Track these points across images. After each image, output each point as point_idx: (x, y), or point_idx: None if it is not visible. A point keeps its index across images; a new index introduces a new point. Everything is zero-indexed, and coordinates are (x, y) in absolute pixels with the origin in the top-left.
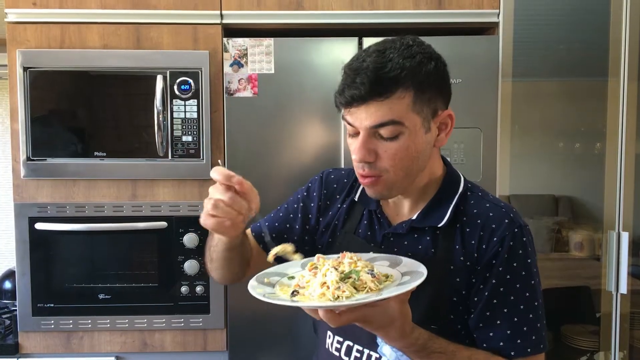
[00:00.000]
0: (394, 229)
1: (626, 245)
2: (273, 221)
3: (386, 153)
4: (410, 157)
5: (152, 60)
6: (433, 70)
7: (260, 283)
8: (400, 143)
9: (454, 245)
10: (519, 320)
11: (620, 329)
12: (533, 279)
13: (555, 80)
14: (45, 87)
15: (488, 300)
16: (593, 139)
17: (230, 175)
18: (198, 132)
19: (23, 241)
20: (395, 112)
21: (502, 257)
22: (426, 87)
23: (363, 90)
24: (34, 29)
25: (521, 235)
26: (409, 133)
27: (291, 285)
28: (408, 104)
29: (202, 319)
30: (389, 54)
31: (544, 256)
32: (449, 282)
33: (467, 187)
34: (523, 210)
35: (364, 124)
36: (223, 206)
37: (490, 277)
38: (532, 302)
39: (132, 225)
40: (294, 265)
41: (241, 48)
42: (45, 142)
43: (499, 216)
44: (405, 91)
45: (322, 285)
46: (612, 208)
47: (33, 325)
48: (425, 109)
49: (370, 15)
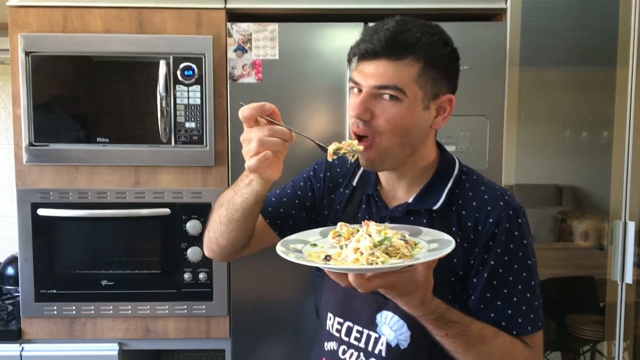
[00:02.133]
0: (390, 212)
1: (632, 234)
2: (280, 197)
3: (383, 114)
4: (405, 126)
5: (155, 45)
6: (446, 54)
7: (287, 249)
8: (398, 109)
9: (451, 228)
10: (518, 300)
11: (625, 319)
12: (529, 259)
13: (563, 68)
14: (48, 72)
15: (488, 281)
16: (600, 128)
17: (262, 105)
18: (201, 119)
19: (25, 227)
20: (401, 78)
21: (499, 239)
22: (435, 66)
23: (378, 46)
24: (35, 13)
25: (516, 216)
26: (408, 102)
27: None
28: (414, 74)
29: (205, 306)
30: (410, 26)
31: (548, 245)
32: (447, 264)
33: (462, 170)
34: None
35: (368, 82)
36: (269, 139)
37: (489, 258)
38: (529, 281)
39: (134, 212)
40: (313, 234)
41: (245, 33)
42: (47, 128)
43: (494, 198)
44: (415, 61)
45: (355, 251)
46: (619, 197)
47: (36, 311)
48: (429, 86)
49: (376, 1)
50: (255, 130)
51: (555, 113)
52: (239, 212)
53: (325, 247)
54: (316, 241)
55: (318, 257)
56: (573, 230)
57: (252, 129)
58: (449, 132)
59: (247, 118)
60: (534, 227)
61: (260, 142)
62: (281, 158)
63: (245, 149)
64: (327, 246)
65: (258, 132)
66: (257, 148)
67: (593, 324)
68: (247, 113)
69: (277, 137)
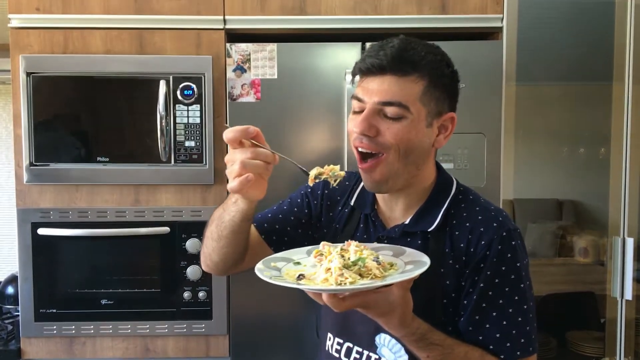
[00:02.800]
0: (387, 232)
1: (631, 251)
2: (276, 213)
3: (388, 130)
4: (411, 142)
5: (155, 65)
6: (448, 74)
7: (267, 267)
8: (402, 125)
9: (444, 249)
10: (507, 323)
11: (625, 335)
12: (522, 282)
13: (559, 84)
14: (48, 92)
15: (477, 303)
16: (597, 144)
17: (246, 129)
18: (201, 138)
19: (26, 246)
20: (405, 94)
21: (491, 261)
22: (438, 85)
23: (384, 61)
24: (37, 34)
25: (509, 238)
26: (412, 119)
27: (296, 271)
28: (418, 91)
29: (205, 325)
30: (415, 45)
31: (548, 261)
32: (440, 285)
33: (459, 190)
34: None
35: (373, 98)
36: (251, 162)
37: (479, 280)
38: (521, 305)
39: (134, 231)
40: (300, 252)
41: (244, 53)
42: (48, 148)
43: (488, 219)
44: (420, 78)
45: (326, 271)
46: (617, 213)
47: (35, 330)
48: (432, 104)
49: (374, 20)
50: (239, 152)
51: (553, 129)
52: (228, 229)
53: (307, 266)
54: (300, 259)
55: (293, 277)
56: (573, 245)
57: (235, 150)
58: (446, 150)
59: (230, 140)
60: (534, 243)
61: (243, 164)
62: (265, 179)
63: (229, 170)
64: (309, 265)
65: (241, 154)
66: (240, 170)
67: (594, 341)
68: (230, 135)
69: (260, 160)
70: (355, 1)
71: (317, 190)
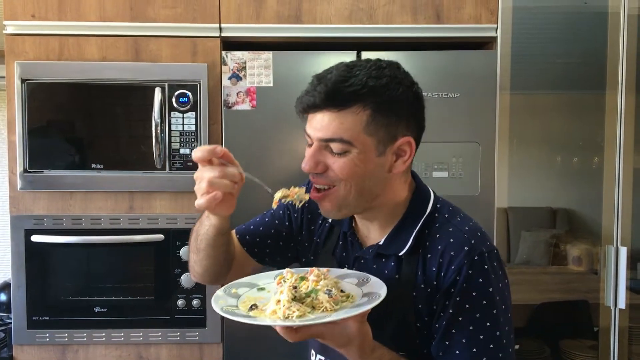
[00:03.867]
0: (362, 252)
1: (624, 260)
2: (257, 225)
3: (335, 165)
4: (359, 175)
5: (151, 72)
6: (399, 96)
7: (226, 294)
8: (348, 159)
9: (417, 272)
10: (478, 350)
11: (618, 344)
12: (495, 307)
13: (553, 93)
14: (43, 99)
15: (446, 329)
16: (591, 153)
17: (213, 149)
18: (196, 145)
19: (19, 253)
20: (345, 129)
21: (460, 286)
22: (386, 111)
23: (318, 99)
24: (32, 41)
25: (481, 262)
26: (357, 152)
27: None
28: (361, 122)
29: (199, 333)
30: (356, 71)
31: (542, 269)
32: (412, 309)
33: (435, 207)
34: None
35: (316, 134)
36: (218, 180)
37: (449, 305)
38: (493, 332)
39: (128, 238)
40: (267, 277)
41: (240, 61)
42: (42, 154)
43: (459, 242)
44: (361, 108)
45: (277, 303)
46: (610, 222)
47: (28, 338)
48: (381, 132)
49: (369, 30)
50: (207, 171)
51: (547, 137)
52: (204, 242)
53: (271, 292)
54: (266, 285)
55: (246, 306)
56: (567, 254)
57: (204, 168)
58: (441, 159)
59: (199, 159)
60: (527, 251)
61: (210, 182)
62: (234, 196)
63: (197, 187)
64: (273, 290)
65: (209, 172)
66: (207, 188)
67: (587, 349)
68: (198, 155)
69: (227, 179)
70: (351, 10)
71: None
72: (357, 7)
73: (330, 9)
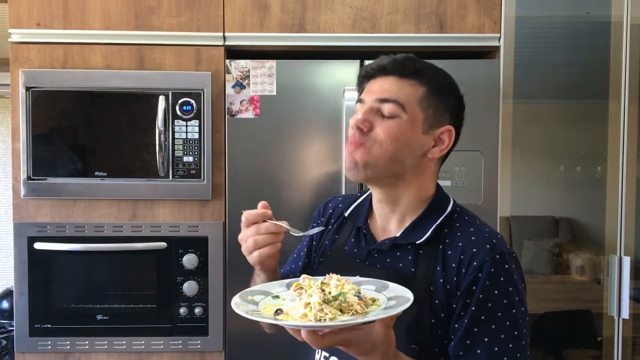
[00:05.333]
0: (377, 245)
1: (628, 269)
2: (296, 260)
3: (380, 127)
4: (399, 141)
5: (155, 80)
6: (450, 89)
7: (243, 300)
8: (396, 123)
9: (435, 267)
10: (499, 349)
11: (622, 354)
12: (514, 307)
13: (556, 102)
14: (47, 107)
15: (468, 328)
16: (594, 162)
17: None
18: (199, 153)
19: (22, 261)
20: (403, 94)
21: (483, 283)
22: (438, 95)
23: (388, 65)
24: (37, 49)
25: (503, 262)
26: (406, 120)
27: (274, 305)
28: (417, 95)
29: (201, 341)
30: (421, 60)
31: (545, 278)
32: (429, 303)
33: (456, 209)
34: (524, 231)
35: (373, 96)
36: (261, 238)
37: (470, 304)
38: (512, 331)
39: (131, 246)
40: (279, 285)
41: (243, 69)
42: (46, 162)
43: (481, 241)
44: (420, 84)
45: (305, 306)
46: (614, 232)
47: (30, 346)
48: (430, 112)
49: (372, 39)
50: (251, 230)
51: (550, 146)
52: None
53: (287, 300)
54: (279, 293)
55: (271, 311)
56: (569, 263)
57: (247, 229)
58: (444, 167)
59: (250, 222)
60: (530, 260)
61: (255, 241)
62: (278, 247)
63: (244, 248)
64: (288, 299)
65: (252, 231)
66: (252, 247)
67: (590, 359)
68: (251, 219)
69: (271, 234)
70: (354, 19)
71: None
72: (360, 17)
73: (334, 18)
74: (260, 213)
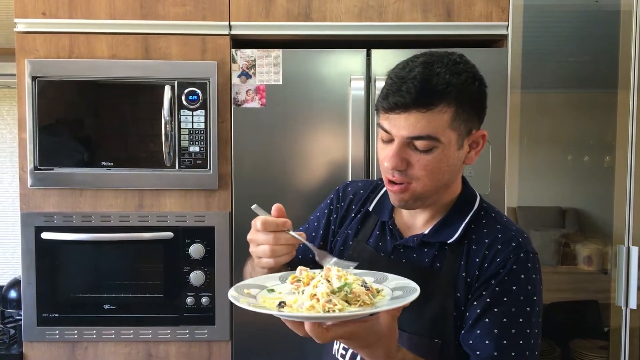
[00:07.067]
0: (404, 241)
1: (636, 259)
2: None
3: (418, 163)
4: (441, 170)
5: (160, 70)
6: (476, 91)
7: (240, 294)
8: (433, 156)
9: (460, 262)
10: (507, 343)
11: (629, 344)
12: (530, 306)
13: (564, 92)
14: (53, 97)
15: (479, 317)
16: (602, 152)
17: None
18: (205, 143)
19: (29, 250)
20: (433, 127)
21: (502, 278)
22: (466, 106)
23: (408, 99)
24: (42, 39)
25: (526, 260)
26: (442, 148)
27: (272, 298)
28: (447, 119)
29: (208, 331)
30: (437, 68)
31: (552, 269)
32: (452, 297)
33: (482, 206)
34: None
35: (400, 132)
36: (280, 248)
37: (485, 295)
38: (524, 329)
39: (138, 236)
40: (273, 278)
41: (249, 59)
42: (52, 152)
43: (507, 238)
44: (447, 106)
45: (311, 297)
46: (622, 222)
47: (38, 335)
48: (462, 126)
49: (379, 27)
50: (262, 235)
51: (557, 136)
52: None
53: (283, 293)
54: (274, 286)
55: (273, 304)
56: (577, 254)
57: (259, 232)
58: None
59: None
60: (538, 250)
61: (272, 250)
62: (293, 255)
63: (253, 249)
64: (285, 292)
65: (264, 237)
66: (270, 255)
67: (598, 350)
68: (270, 229)
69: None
70: (361, 8)
71: (332, 205)
72: (367, 5)
73: (340, 6)
74: (281, 223)
